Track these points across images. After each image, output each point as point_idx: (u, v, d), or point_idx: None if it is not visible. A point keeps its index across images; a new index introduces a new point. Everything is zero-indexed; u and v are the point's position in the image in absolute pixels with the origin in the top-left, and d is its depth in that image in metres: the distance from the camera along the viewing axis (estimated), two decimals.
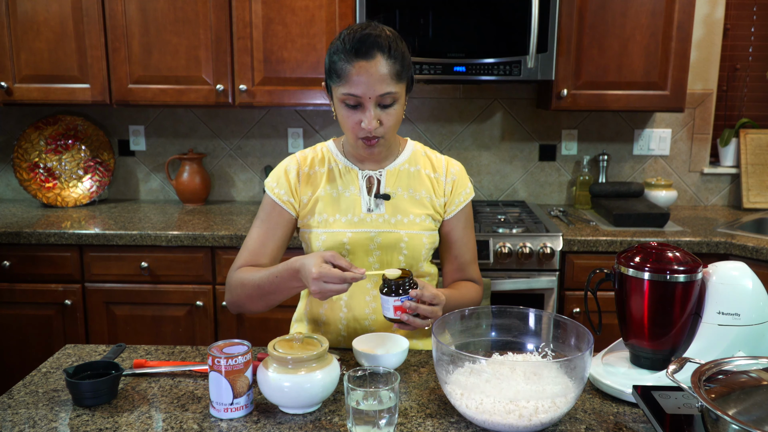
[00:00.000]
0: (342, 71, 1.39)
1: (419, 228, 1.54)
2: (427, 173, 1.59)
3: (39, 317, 2.54)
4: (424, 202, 1.56)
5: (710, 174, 3.10)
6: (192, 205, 3.02)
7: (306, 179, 1.56)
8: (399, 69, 1.40)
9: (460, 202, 1.60)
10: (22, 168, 2.94)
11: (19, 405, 1.24)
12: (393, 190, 1.55)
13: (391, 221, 1.53)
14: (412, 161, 1.59)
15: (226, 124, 3.08)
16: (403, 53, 1.43)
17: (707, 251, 2.45)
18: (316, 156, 1.58)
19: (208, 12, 2.63)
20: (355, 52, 1.37)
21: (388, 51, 1.39)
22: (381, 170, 1.56)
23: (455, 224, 1.61)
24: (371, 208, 1.54)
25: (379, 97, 1.39)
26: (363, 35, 1.38)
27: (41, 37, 2.65)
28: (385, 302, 1.33)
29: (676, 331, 1.27)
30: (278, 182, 1.56)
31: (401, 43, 1.44)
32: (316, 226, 1.54)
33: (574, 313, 2.47)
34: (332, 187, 1.55)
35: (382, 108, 1.42)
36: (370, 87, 1.38)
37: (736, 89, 3.10)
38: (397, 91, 1.41)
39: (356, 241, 1.52)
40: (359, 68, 1.37)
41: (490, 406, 1.11)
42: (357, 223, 1.53)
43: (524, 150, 3.08)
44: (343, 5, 2.59)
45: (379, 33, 1.40)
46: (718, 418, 0.94)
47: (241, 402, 1.19)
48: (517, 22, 2.53)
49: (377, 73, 1.38)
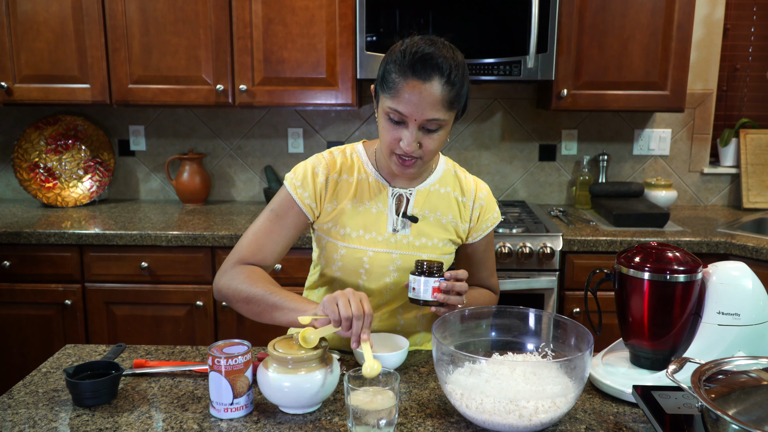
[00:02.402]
0: (394, 84, 1.32)
1: (440, 252, 1.52)
2: (456, 196, 1.54)
3: (39, 317, 2.54)
4: (449, 226, 1.53)
5: (710, 174, 3.10)
6: (192, 205, 3.02)
7: (333, 186, 1.48)
8: (453, 96, 1.33)
9: (487, 227, 1.57)
10: (22, 168, 2.94)
11: (19, 405, 1.24)
12: (421, 211, 1.51)
13: (415, 244, 1.49)
14: (443, 182, 1.53)
15: (226, 124, 3.08)
16: (463, 81, 1.35)
17: (707, 251, 2.45)
18: (345, 162, 1.50)
19: (208, 12, 2.63)
20: (412, 70, 1.30)
21: (447, 76, 1.31)
22: (411, 189, 1.50)
23: (478, 247, 1.59)
24: (397, 228, 1.49)
25: (425, 121, 1.32)
26: (426, 54, 1.30)
27: (41, 37, 2.65)
28: (425, 284, 1.35)
29: (676, 331, 1.27)
30: (303, 183, 1.47)
31: (464, 69, 1.36)
32: (337, 238, 1.48)
33: (574, 313, 2.47)
34: (359, 200, 1.48)
35: (425, 131, 1.34)
36: (418, 109, 1.31)
37: (736, 89, 3.10)
38: (446, 119, 1.34)
39: (376, 261, 1.48)
40: (412, 87, 1.30)
41: (490, 406, 1.11)
42: (380, 243, 1.48)
43: (524, 150, 3.08)
44: (343, 5, 2.59)
45: (444, 54, 1.31)
46: (718, 418, 0.94)
47: (241, 402, 1.19)
48: (517, 22, 2.52)
49: (429, 97, 1.30)
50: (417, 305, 1.41)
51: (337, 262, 1.49)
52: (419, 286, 1.35)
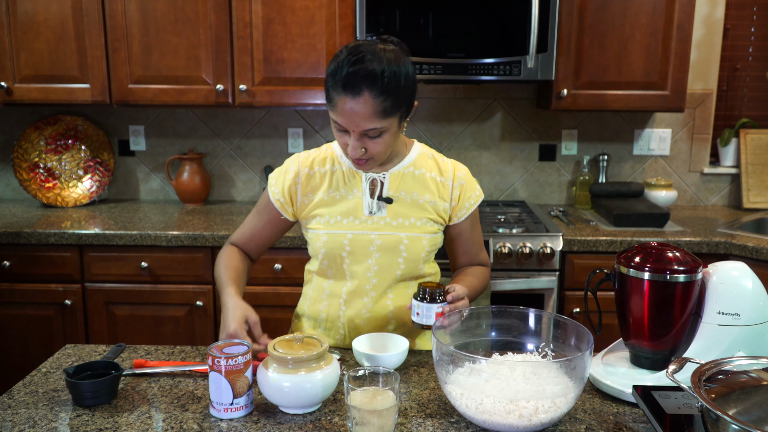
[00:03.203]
0: (331, 99, 1.38)
1: (420, 231, 1.54)
2: (433, 176, 1.57)
3: (39, 317, 2.54)
4: (427, 206, 1.55)
5: (710, 174, 3.10)
6: (192, 205, 3.02)
7: (307, 180, 1.56)
8: (389, 105, 1.35)
9: (470, 205, 1.59)
10: (22, 168, 2.94)
11: (19, 405, 1.24)
12: (396, 193, 1.54)
13: (393, 224, 1.53)
14: (417, 164, 1.57)
15: (226, 124, 3.08)
16: (398, 86, 1.36)
17: (707, 251, 2.45)
18: (318, 156, 1.58)
19: (208, 12, 2.63)
20: (343, 86, 1.34)
21: (379, 87, 1.33)
22: (385, 173, 1.55)
23: (464, 227, 1.61)
24: (373, 210, 1.53)
25: (363, 131, 1.38)
26: (353, 71, 1.33)
27: (41, 37, 2.65)
28: (428, 310, 1.37)
29: (676, 331, 1.27)
30: (276, 181, 1.58)
31: (400, 69, 1.37)
32: (318, 227, 1.54)
33: (574, 313, 2.47)
34: (335, 189, 1.54)
35: (368, 137, 1.40)
36: (353, 121, 1.36)
37: (736, 89, 3.10)
38: (384, 126, 1.38)
39: (356, 242, 1.52)
40: (344, 102, 1.35)
41: (490, 406, 1.11)
42: (358, 225, 1.52)
43: (524, 150, 3.08)
44: (343, 5, 2.59)
45: (371, 68, 1.33)
46: (718, 418, 0.94)
47: (241, 402, 1.19)
48: (517, 22, 2.53)
49: (362, 110, 1.34)
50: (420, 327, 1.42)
51: (321, 250, 1.54)
52: (422, 312, 1.38)
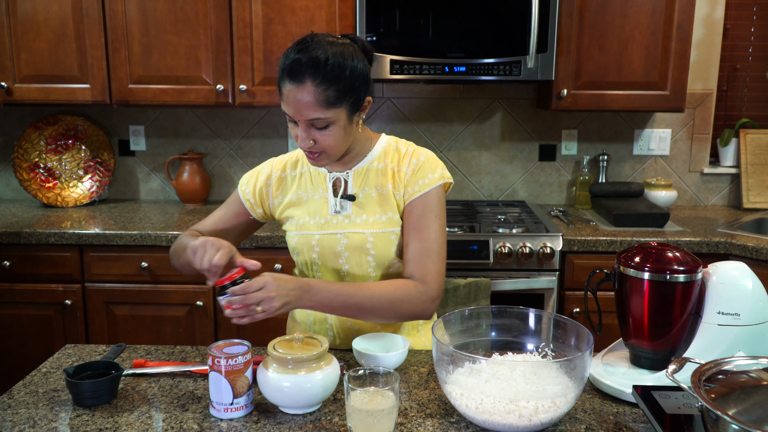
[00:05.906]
0: (280, 89, 1.39)
1: (384, 226, 1.50)
2: (392, 167, 1.53)
3: (39, 317, 2.54)
4: (390, 197, 1.52)
5: (710, 174, 3.10)
6: (192, 205, 3.02)
7: (278, 183, 1.59)
8: (332, 95, 1.35)
9: (424, 184, 1.49)
10: (22, 168, 2.94)
11: (19, 405, 1.24)
12: (359, 190, 1.53)
13: (357, 222, 1.51)
14: (381, 158, 1.54)
15: (226, 124, 3.08)
16: (341, 76, 1.35)
17: (707, 251, 2.44)
18: (290, 159, 1.61)
19: (208, 12, 2.63)
20: (288, 75, 1.36)
21: (321, 75, 1.33)
22: (348, 171, 1.54)
23: (410, 211, 1.49)
24: (338, 209, 1.53)
25: (309, 120, 1.37)
26: (296, 58, 1.35)
27: (41, 37, 2.65)
28: (220, 302, 1.30)
29: (676, 331, 1.27)
30: (248, 181, 1.62)
31: (346, 61, 1.36)
32: (290, 229, 1.57)
33: (574, 313, 2.47)
34: (303, 190, 1.57)
35: (316, 129, 1.39)
36: (297, 110, 1.36)
37: (736, 89, 3.10)
38: (329, 117, 1.37)
39: (324, 242, 1.52)
40: (289, 91, 1.36)
41: (490, 406, 1.11)
42: (324, 225, 1.53)
43: (524, 150, 3.08)
44: (343, 5, 2.59)
45: (315, 56, 1.34)
46: (718, 418, 0.94)
47: (241, 402, 1.19)
48: (517, 22, 2.53)
49: (304, 99, 1.35)
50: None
51: (295, 251, 1.58)
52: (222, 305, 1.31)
